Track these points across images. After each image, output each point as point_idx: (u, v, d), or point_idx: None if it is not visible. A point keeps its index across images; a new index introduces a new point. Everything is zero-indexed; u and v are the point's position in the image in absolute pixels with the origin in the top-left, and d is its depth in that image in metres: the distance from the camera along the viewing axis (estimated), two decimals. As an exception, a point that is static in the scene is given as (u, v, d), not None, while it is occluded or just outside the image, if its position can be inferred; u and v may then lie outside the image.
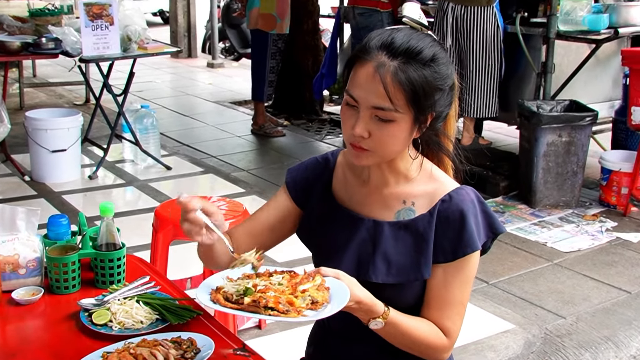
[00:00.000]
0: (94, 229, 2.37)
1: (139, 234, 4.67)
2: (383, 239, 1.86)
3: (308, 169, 2.05)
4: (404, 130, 1.76)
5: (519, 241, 5.09)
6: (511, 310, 4.16)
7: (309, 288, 1.68)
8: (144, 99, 9.21)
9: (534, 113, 5.54)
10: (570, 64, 6.17)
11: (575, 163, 5.55)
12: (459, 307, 1.86)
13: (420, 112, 1.75)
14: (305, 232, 2.02)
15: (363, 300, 1.73)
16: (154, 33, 6.80)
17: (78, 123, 6.16)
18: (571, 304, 4.24)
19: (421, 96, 1.73)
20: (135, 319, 2.01)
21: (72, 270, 2.22)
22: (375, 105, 1.73)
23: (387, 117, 1.74)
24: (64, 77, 10.09)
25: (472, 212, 1.82)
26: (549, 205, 5.64)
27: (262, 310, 1.64)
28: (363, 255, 1.87)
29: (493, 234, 1.87)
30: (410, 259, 1.84)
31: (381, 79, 1.72)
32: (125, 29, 6.08)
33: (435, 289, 1.85)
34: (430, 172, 1.89)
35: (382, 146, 1.77)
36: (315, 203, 2.00)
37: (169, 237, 3.43)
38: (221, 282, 1.77)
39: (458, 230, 1.81)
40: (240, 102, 9.53)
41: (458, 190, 1.85)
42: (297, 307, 1.64)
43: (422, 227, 1.84)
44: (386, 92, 1.72)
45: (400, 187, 1.88)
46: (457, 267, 1.83)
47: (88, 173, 6.36)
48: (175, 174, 6.46)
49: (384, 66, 1.73)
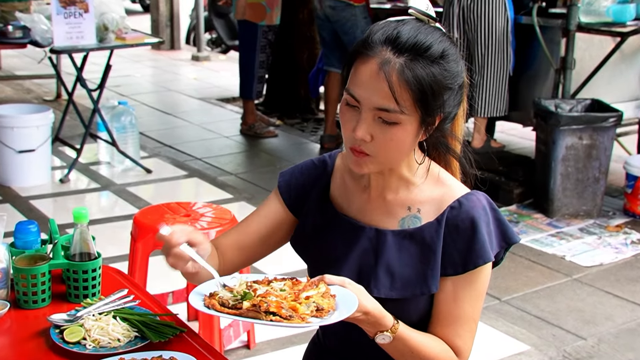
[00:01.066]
0: (67, 237, 2.37)
1: (116, 243, 4.67)
2: (386, 249, 1.86)
3: (303, 173, 2.04)
4: (410, 133, 1.76)
5: (534, 254, 5.09)
6: (526, 330, 4.16)
7: (313, 295, 1.69)
8: (121, 95, 9.22)
9: (551, 113, 5.55)
10: (593, 59, 6.19)
11: (597, 168, 5.56)
12: (470, 323, 1.85)
13: (427, 114, 1.75)
14: (301, 242, 2.02)
15: (371, 311, 1.73)
16: (133, 22, 6.81)
17: (48, 120, 6.16)
18: (592, 324, 4.24)
19: (429, 96, 1.72)
20: (111, 336, 2.01)
21: (41, 282, 2.22)
22: (379, 106, 1.73)
23: (392, 119, 1.73)
24: (32, 70, 10.10)
25: (483, 220, 1.82)
26: (567, 215, 5.65)
27: (262, 315, 1.64)
28: (364, 267, 1.87)
29: (506, 244, 1.87)
30: (415, 271, 1.83)
31: (386, 78, 1.71)
32: (102, 17, 6.09)
33: (444, 304, 1.84)
34: (437, 176, 1.89)
35: (385, 151, 1.77)
36: (312, 210, 2.00)
37: (149, 246, 3.43)
38: (216, 289, 1.77)
39: (468, 239, 1.81)
40: (228, 99, 9.54)
41: (468, 196, 1.85)
42: (300, 314, 1.64)
43: (429, 237, 1.83)
44: (392, 91, 1.70)
45: (404, 192, 1.88)
46: (467, 280, 1.83)
47: (59, 176, 6.35)
48: (155, 178, 6.45)
49: (389, 63, 1.71)
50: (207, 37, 13.38)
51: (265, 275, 1.82)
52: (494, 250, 1.84)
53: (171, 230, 1.79)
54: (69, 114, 7.01)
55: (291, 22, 8.45)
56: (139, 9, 18.04)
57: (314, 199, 2.00)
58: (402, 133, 1.75)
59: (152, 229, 3.41)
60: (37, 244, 2.37)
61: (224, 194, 6.09)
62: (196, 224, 3.47)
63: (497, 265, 1.89)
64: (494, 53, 6.11)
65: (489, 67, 6.13)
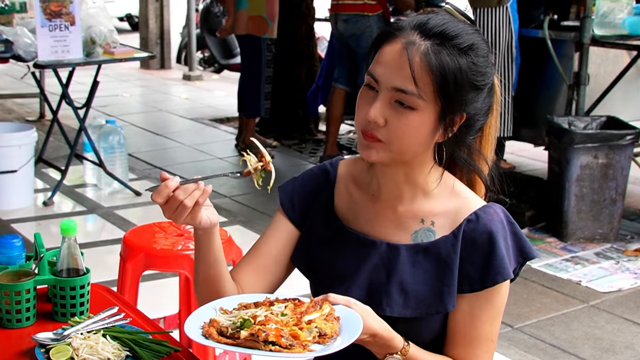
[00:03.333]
0: (53, 252, 2.34)
1: (104, 269, 4.63)
2: (399, 265, 1.84)
3: (305, 184, 2.03)
4: (427, 123, 1.75)
5: (548, 279, 5.08)
6: (540, 359, 4.14)
7: (315, 318, 1.68)
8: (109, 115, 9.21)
9: (565, 131, 5.55)
10: (608, 74, 6.21)
11: (613, 189, 5.56)
12: (488, 344, 1.84)
13: (448, 107, 1.74)
14: (303, 258, 2.00)
15: (379, 332, 1.72)
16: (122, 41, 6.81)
17: (31, 140, 6.15)
18: (611, 353, 4.22)
19: (451, 86, 1.73)
20: (101, 355, 1.98)
21: (26, 299, 2.19)
22: (398, 86, 1.73)
23: (409, 102, 1.73)
24: (14, 89, 10.11)
25: (501, 235, 1.81)
26: (583, 239, 5.63)
27: (261, 345, 1.63)
28: (375, 284, 1.85)
29: (523, 260, 1.86)
30: (431, 288, 1.82)
31: (408, 58, 1.72)
32: (89, 30, 6.09)
33: (461, 323, 1.83)
34: (452, 186, 1.88)
35: (398, 138, 1.76)
36: (315, 224, 1.99)
37: (140, 267, 3.40)
38: (214, 314, 1.76)
39: (486, 255, 1.80)
40: (222, 119, 9.55)
41: (485, 209, 1.84)
42: (302, 341, 1.63)
43: (445, 251, 1.82)
44: (412, 72, 1.72)
45: (417, 203, 1.87)
46: (485, 298, 1.82)
47: (42, 199, 6.33)
48: (145, 201, 6.42)
49: (413, 44, 1.74)
50: (199, 56, 13.41)
51: (266, 296, 1.81)
52: (512, 265, 1.83)
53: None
54: (53, 133, 7.01)
55: (289, 38, 8.47)
56: (127, 28, 18.11)
57: (317, 211, 1.99)
58: (418, 121, 1.74)
59: (142, 249, 3.39)
60: (21, 259, 2.35)
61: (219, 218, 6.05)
62: (189, 244, 3.45)
63: (512, 280, 1.88)
64: (497, 68, 6.12)
65: None
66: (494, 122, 1.90)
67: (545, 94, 6.37)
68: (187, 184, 1.77)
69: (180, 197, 1.76)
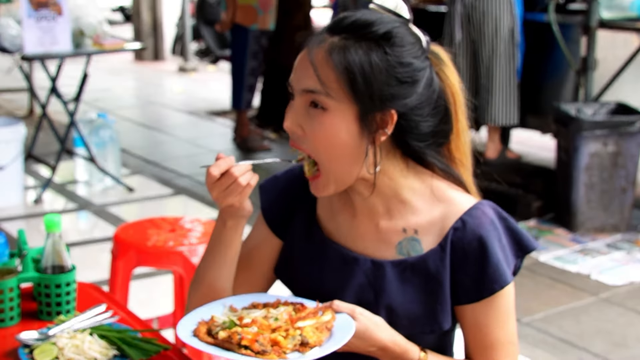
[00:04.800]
0: (38, 249, 2.33)
1: (95, 267, 4.65)
2: (386, 284, 1.78)
3: (287, 188, 1.97)
4: (343, 125, 1.69)
5: (556, 272, 5.07)
6: (549, 353, 4.13)
7: (307, 326, 1.68)
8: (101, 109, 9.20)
9: (572, 118, 5.53)
10: (616, 58, 6.18)
11: (623, 178, 5.54)
12: (507, 348, 1.79)
13: (364, 105, 1.68)
14: (286, 271, 1.95)
15: (389, 346, 1.70)
16: (114, 33, 6.80)
17: (19, 135, 6.14)
18: (623, 347, 4.22)
19: (361, 81, 1.66)
20: (87, 355, 1.97)
21: (9, 298, 2.18)
22: (305, 87, 1.70)
23: (320, 102, 1.69)
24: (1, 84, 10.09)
25: (494, 236, 1.75)
26: (592, 229, 5.62)
27: (235, 347, 1.65)
28: (363, 304, 1.78)
29: (523, 253, 1.81)
30: (422, 306, 1.77)
31: (310, 57, 1.70)
32: (77, 21, 6.09)
33: (471, 333, 1.80)
34: (431, 187, 1.80)
35: (317, 144, 1.71)
36: (297, 233, 1.93)
37: (131, 264, 3.42)
38: (220, 311, 1.79)
39: (479, 263, 1.74)
40: (219, 112, 9.53)
41: (472, 212, 1.77)
42: (282, 348, 1.64)
43: (434, 266, 1.76)
44: (314, 69, 1.68)
45: (396, 215, 1.80)
46: (488, 306, 1.77)
47: (32, 196, 6.34)
48: (139, 197, 6.44)
49: (319, 43, 1.71)
50: (195, 47, 13.39)
51: (277, 297, 1.81)
52: (511, 264, 1.79)
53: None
54: (42, 129, 6.99)
55: (285, 28, 8.45)
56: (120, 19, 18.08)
57: (299, 219, 1.93)
58: (333, 122, 1.69)
59: (133, 246, 3.40)
60: (4, 257, 2.34)
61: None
62: (184, 240, 3.45)
63: (515, 274, 1.82)
64: (501, 54, 6.10)
65: (496, 70, 6.12)
66: (460, 126, 1.82)
67: (552, 81, 6.35)
68: (243, 163, 1.77)
69: (236, 174, 1.74)
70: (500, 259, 1.75)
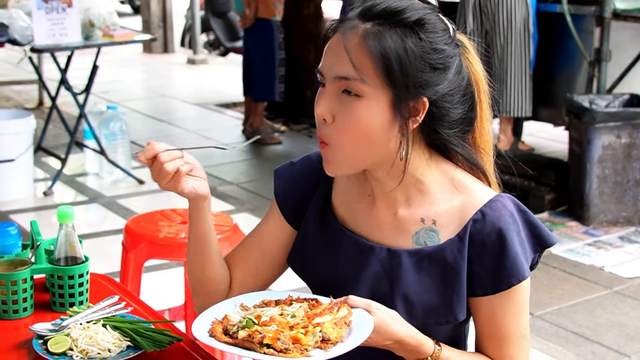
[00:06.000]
0: (51, 240, 2.34)
1: (106, 260, 4.65)
2: (402, 273, 1.79)
3: (302, 175, 1.97)
4: (377, 113, 1.69)
5: (569, 265, 5.06)
6: (562, 347, 4.13)
7: (325, 322, 1.67)
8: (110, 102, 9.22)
9: (586, 110, 5.52)
10: (630, 49, 6.16)
11: (637, 170, 5.53)
12: (520, 341, 1.81)
13: (399, 91, 1.67)
14: (299, 260, 1.96)
15: (404, 339, 1.70)
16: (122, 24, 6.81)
17: (30, 127, 6.15)
18: (637, 340, 4.21)
19: (397, 68, 1.66)
20: (101, 346, 1.98)
21: (22, 289, 2.19)
22: (339, 73, 1.69)
23: (354, 89, 1.68)
24: (10, 75, 10.12)
25: (513, 230, 1.75)
26: (606, 222, 5.62)
27: (257, 347, 1.64)
28: (378, 294, 1.80)
29: (541, 248, 1.81)
30: (438, 296, 1.78)
31: (344, 42, 1.68)
32: (87, 12, 6.10)
33: (485, 325, 1.81)
34: (452, 178, 1.81)
35: (346, 131, 1.70)
36: (311, 221, 1.93)
37: (142, 257, 3.41)
38: (232, 309, 1.79)
39: (498, 256, 1.75)
40: (228, 104, 9.55)
41: (492, 204, 1.77)
42: (303, 345, 1.63)
43: (452, 257, 1.76)
44: (349, 56, 1.67)
45: (415, 204, 1.81)
46: (504, 298, 1.78)
47: (42, 189, 6.36)
48: (148, 189, 6.45)
49: (352, 29, 1.69)
50: (204, 39, 13.40)
51: (289, 294, 1.81)
52: (529, 259, 1.79)
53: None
54: (52, 121, 7.01)
55: (296, 19, 8.46)
56: (129, 11, 18.11)
57: (314, 207, 1.94)
58: (366, 110, 1.68)
59: (145, 238, 3.40)
60: (17, 248, 2.34)
61: (225, 205, 6.08)
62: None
63: (532, 269, 1.83)
64: (514, 45, 6.10)
65: (509, 61, 6.12)
66: (484, 115, 1.83)
67: (565, 72, 6.35)
68: (173, 151, 1.82)
69: (163, 159, 1.80)
70: (519, 252, 1.75)
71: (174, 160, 1.82)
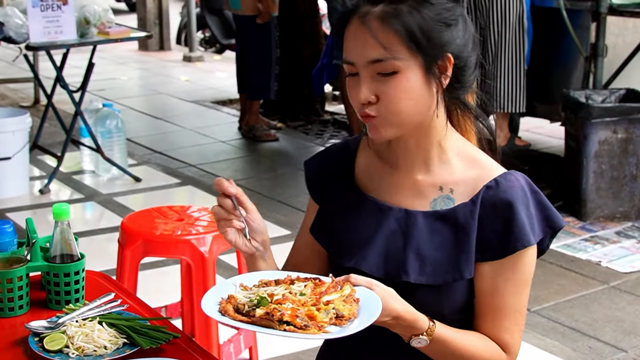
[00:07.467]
0: (46, 237, 2.34)
1: (103, 257, 4.65)
2: (416, 231, 1.87)
3: (325, 160, 2.07)
4: (416, 80, 1.78)
5: (566, 260, 5.07)
6: (559, 342, 4.13)
7: (334, 299, 1.70)
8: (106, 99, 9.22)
9: (582, 105, 5.52)
10: (626, 45, 6.18)
11: (634, 165, 5.54)
12: (516, 316, 1.86)
13: (428, 56, 1.78)
14: (321, 227, 2.02)
15: (402, 314, 1.73)
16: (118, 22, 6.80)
17: (25, 125, 6.15)
18: (633, 335, 4.22)
19: (421, 36, 1.76)
20: (97, 343, 1.98)
21: (18, 287, 2.19)
22: (371, 58, 1.77)
23: (389, 68, 1.77)
24: (6, 74, 10.11)
25: (522, 202, 1.82)
26: (602, 217, 5.62)
27: (276, 324, 1.65)
28: (392, 250, 1.88)
29: (551, 230, 1.86)
30: (448, 254, 1.84)
31: (367, 28, 1.77)
32: (82, 10, 6.09)
33: (487, 294, 1.85)
34: (472, 156, 1.91)
35: (395, 105, 1.78)
36: (333, 194, 2.01)
37: (139, 254, 3.41)
38: (233, 290, 1.79)
39: (506, 221, 1.82)
40: (224, 101, 9.55)
41: (506, 176, 1.86)
42: (318, 322, 1.65)
43: (463, 218, 1.84)
44: (376, 40, 1.76)
45: (435, 171, 1.90)
46: (507, 267, 1.84)
47: (38, 187, 6.35)
48: (145, 187, 6.45)
49: (367, 14, 1.78)
50: (200, 36, 13.39)
51: (288, 274, 1.83)
52: (537, 236, 1.84)
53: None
54: (48, 119, 7.00)
55: (292, 16, 8.45)
56: (125, 9, 18.10)
57: (336, 182, 2.02)
58: (406, 81, 1.77)
59: (141, 235, 3.40)
60: (13, 246, 2.35)
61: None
62: (191, 229, 3.46)
63: (542, 253, 1.89)
64: (509, 41, 6.10)
65: (504, 57, 6.12)
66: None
67: (561, 67, 6.35)
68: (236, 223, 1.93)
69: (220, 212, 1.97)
70: (526, 223, 1.81)
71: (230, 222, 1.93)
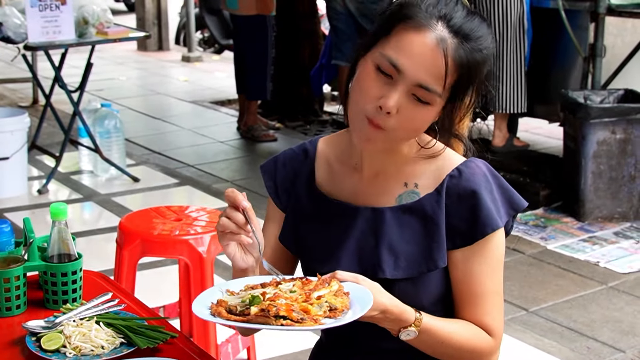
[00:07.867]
0: (43, 237, 2.34)
1: (101, 257, 4.66)
2: (385, 227, 1.89)
3: (286, 165, 2.06)
4: (433, 116, 1.83)
5: (564, 261, 5.07)
6: (557, 342, 4.13)
7: (325, 294, 1.71)
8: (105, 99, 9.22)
9: (580, 105, 5.53)
10: (625, 45, 6.18)
11: (632, 165, 5.54)
12: (494, 297, 1.89)
13: (454, 99, 1.82)
14: (290, 237, 2.03)
15: (389, 308, 1.74)
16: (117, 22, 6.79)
17: (24, 125, 6.15)
18: (631, 335, 4.21)
19: (465, 82, 1.80)
20: (94, 343, 1.98)
21: (15, 286, 2.20)
22: (423, 83, 1.75)
23: (428, 99, 1.77)
24: (4, 73, 10.10)
25: (485, 188, 1.86)
26: (600, 218, 5.62)
27: (272, 320, 1.66)
28: (365, 249, 1.90)
29: (514, 211, 1.90)
30: (419, 246, 1.87)
31: (445, 56, 1.74)
32: (81, 9, 6.08)
33: (462, 282, 1.88)
34: (432, 148, 1.92)
35: (405, 130, 1.80)
36: (298, 201, 2.02)
37: (136, 254, 3.42)
38: (220, 296, 1.79)
39: (472, 208, 1.85)
40: (223, 101, 9.55)
41: (467, 163, 1.89)
42: (313, 315, 1.67)
43: (430, 208, 1.87)
44: (445, 73, 1.75)
45: (398, 168, 1.92)
46: (478, 252, 1.87)
47: (37, 187, 6.35)
48: (144, 187, 6.45)
49: (446, 41, 1.75)
50: (199, 37, 13.38)
51: (273, 277, 1.83)
52: (503, 218, 1.87)
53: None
54: (46, 119, 7.00)
55: (290, 16, 8.44)
56: (123, 9, 18.09)
57: (299, 190, 2.02)
58: (428, 115, 1.80)
59: (139, 235, 3.40)
60: (10, 245, 2.35)
61: (220, 203, 6.07)
62: (189, 229, 3.46)
63: (507, 234, 1.93)
64: (509, 42, 6.10)
65: (504, 57, 6.12)
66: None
67: (560, 68, 6.35)
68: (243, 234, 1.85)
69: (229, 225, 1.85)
70: (492, 207, 1.85)
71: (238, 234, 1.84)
